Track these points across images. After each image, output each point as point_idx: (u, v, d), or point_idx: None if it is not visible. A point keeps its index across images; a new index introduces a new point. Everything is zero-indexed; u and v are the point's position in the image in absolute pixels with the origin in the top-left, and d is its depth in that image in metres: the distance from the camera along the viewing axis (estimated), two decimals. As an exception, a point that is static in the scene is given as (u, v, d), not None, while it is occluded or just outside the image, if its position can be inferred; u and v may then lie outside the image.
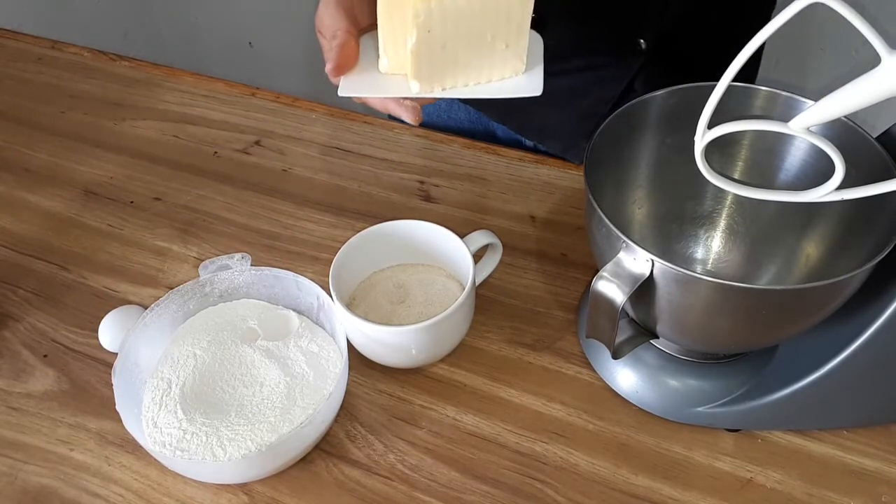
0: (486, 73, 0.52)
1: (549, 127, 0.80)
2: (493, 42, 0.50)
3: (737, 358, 0.58)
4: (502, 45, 0.50)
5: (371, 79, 0.52)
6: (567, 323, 0.64)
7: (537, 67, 0.52)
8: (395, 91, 0.52)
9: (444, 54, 0.49)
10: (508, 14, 0.49)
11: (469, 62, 0.50)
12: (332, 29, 0.52)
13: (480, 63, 0.51)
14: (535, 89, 0.51)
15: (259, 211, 0.76)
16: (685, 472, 0.55)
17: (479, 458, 0.56)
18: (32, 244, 0.74)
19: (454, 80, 0.51)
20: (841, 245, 0.55)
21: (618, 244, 0.47)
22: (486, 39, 0.49)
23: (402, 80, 0.52)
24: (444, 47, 0.49)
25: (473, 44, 0.49)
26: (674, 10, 0.69)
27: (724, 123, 0.42)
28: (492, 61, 0.51)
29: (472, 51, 0.50)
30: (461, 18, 0.47)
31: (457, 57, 0.50)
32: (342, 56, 0.51)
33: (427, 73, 0.50)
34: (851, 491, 0.53)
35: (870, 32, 0.35)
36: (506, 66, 0.52)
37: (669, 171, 0.59)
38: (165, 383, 0.57)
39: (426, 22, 0.47)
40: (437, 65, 0.50)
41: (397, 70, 0.52)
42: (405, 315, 0.62)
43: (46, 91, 0.93)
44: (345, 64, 0.52)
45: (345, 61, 0.52)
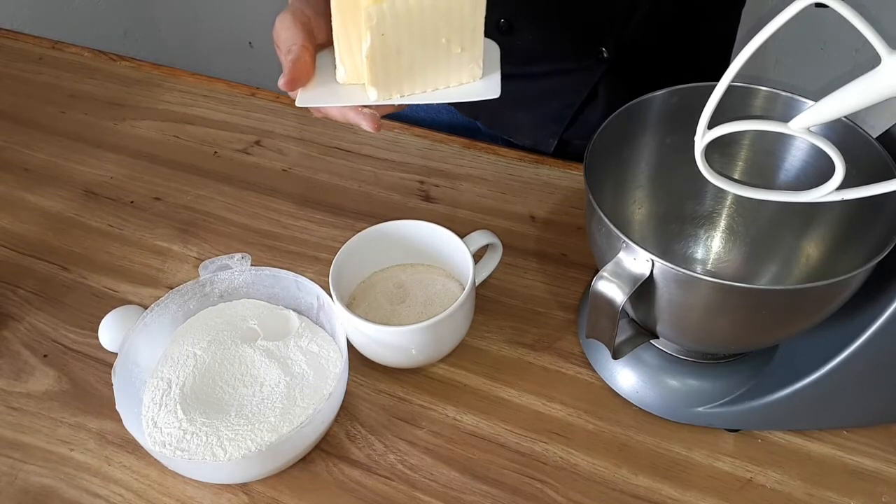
0: (443, 78, 0.52)
1: (518, 126, 0.83)
2: (448, 46, 0.50)
3: (737, 358, 0.58)
4: (458, 48, 0.50)
5: (329, 90, 0.53)
6: (567, 323, 0.64)
7: (495, 72, 0.53)
8: (353, 100, 0.52)
9: (400, 59, 0.49)
10: (461, 17, 0.49)
11: (425, 67, 0.51)
12: (288, 43, 0.53)
13: (437, 68, 0.51)
14: (493, 92, 0.52)
15: (259, 211, 0.76)
16: (685, 472, 0.55)
17: (479, 458, 0.56)
18: (32, 244, 0.74)
19: (412, 87, 0.51)
20: (841, 245, 0.55)
21: (618, 244, 0.47)
22: (440, 43, 0.50)
23: (361, 90, 0.52)
24: (398, 52, 0.49)
25: (429, 48, 0.49)
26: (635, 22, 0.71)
27: (724, 123, 0.42)
28: (448, 66, 0.51)
29: (428, 55, 0.50)
30: (414, 22, 0.48)
31: (413, 62, 0.50)
32: (295, 69, 0.52)
33: (384, 79, 0.50)
34: (851, 491, 0.53)
35: (870, 32, 0.35)
36: (463, 71, 0.52)
37: (669, 171, 0.59)
38: (165, 383, 0.57)
39: (379, 25, 0.47)
40: (393, 70, 0.50)
41: (355, 80, 0.52)
42: (405, 315, 0.62)
43: (46, 91, 0.93)
44: (298, 77, 0.52)
45: (297, 74, 0.52)
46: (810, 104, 0.40)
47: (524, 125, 0.83)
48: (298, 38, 0.52)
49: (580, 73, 0.76)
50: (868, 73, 0.37)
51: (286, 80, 0.52)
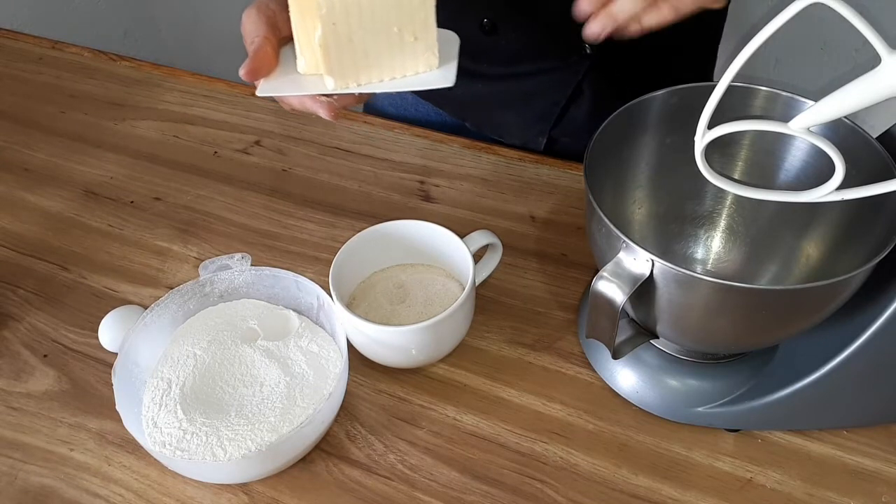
0: (399, 67, 0.53)
1: (506, 125, 0.83)
2: (401, 34, 0.51)
3: (737, 358, 0.58)
4: (411, 37, 0.51)
5: (290, 79, 0.54)
6: (567, 323, 0.64)
7: (451, 61, 0.54)
8: (312, 89, 0.53)
9: (353, 48, 0.51)
10: (411, 7, 0.50)
11: (380, 57, 0.52)
12: (251, 35, 0.54)
13: (392, 57, 0.52)
14: (448, 80, 0.53)
15: (259, 211, 0.76)
16: (685, 472, 0.55)
17: (479, 458, 0.56)
18: (32, 244, 0.74)
19: (368, 76, 0.53)
20: (841, 245, 0.55)
21: (618, 244, 0.47)
22: (393, 32, 0.51)
23: (320, 80, 0.54)
24: (351, 40, 0.50)
25: (381, 37, 0.51)
26: None
27: (724, 123, 0.42)
28: (403, 55, 0.52)
29: (382, 44, 0.51)
30: (364, 11, 0.49)
31: (367, 51, 0.51)
32: (256, 60, 0.53)
33: (339, 68, 0.52)
34: (851, 491, 0.53)
35: (870, 33, 0.35)
36: (419, 61, 0.53)
37: (669, 171, 0.59)
38: (165, 383, 0.57)
39: (329, 14, 0.48)
40: (347, 59, 0.51)
41: (314, 70, 0.54)
42: (405, 315, 0.62)
43: (46, 91, 0.93)
44: (258, 68, 0.53)
45: (258, 65, 0.53)
46: (810, 104, 0.40)
47: (511, 124, 0.83)
48: (261, 31, 0.54)
49: (564, 72, 0.77)
50: (868, 73, 0.37)
51: (247, 70, 0.53)
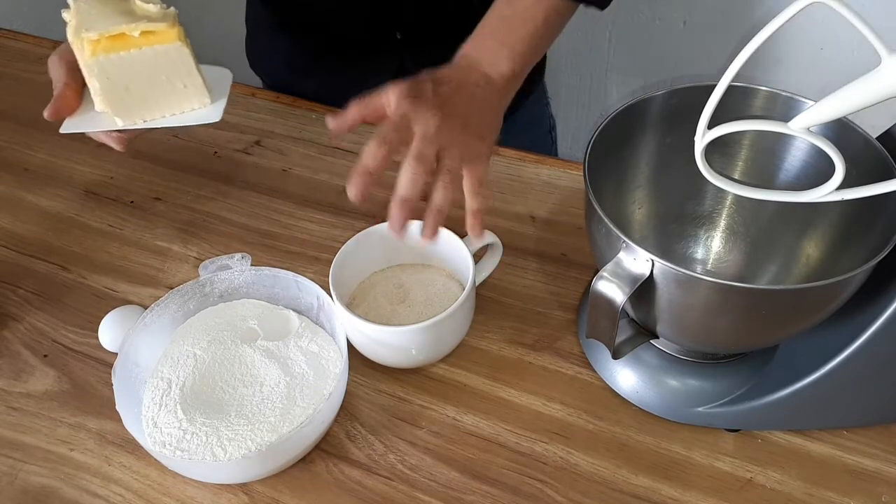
0: (177, 106, 0.64)
1: None
2: (171, 82, 0.62)
3: (737, 358, 0.58)
4: (180, 84, 0.63)
5: (89, 117, 0.64)
6: (567, 323, 0.64)
7: (221, 99, 0.66)
8: (106, 126, 0.64)
9: (132, 94, 0.62)
10: (173, 63, 0.62)
11: (158, 100, 0.63)
12: (55, 80, 0.63)
13: (168, 100, 0.63)
14: (216, 116, 0.65)
15: (259, 211, 0.76)
16: (685, 472, 0.55)
17: (479, 458, 0.56)
18: (32, 244, 0.74)
19: (151, 114, 0.64)
20: (841, 245, 0.55)
21: (618, 244, 0.47)
22: (163, 80, 0.62)
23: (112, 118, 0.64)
24: (127, 88, 0.61)
25: (155, 85, 0.62)
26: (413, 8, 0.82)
27: (724, 123, 0.42)
28: (178, 97, 0.64)
29: (157, 90, 0.62)
30: (133, 66, 0.60)
31: (145, 96, 0.62)
32: (57, 103, 0.62)
33: (123, 110, 0.63)
34: (851, 491, 0.53)
35: (869, 33, 0.35)
36: (193, 100, 0.65)
37: (669, 171, 0.59)
38: (165, 383, 0.57)
39: (102, 72, 0.60)
40: (129, 103, 0.62)
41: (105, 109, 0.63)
42: (405, 315, 0.62)
43: (46, 91, 0.92)
44: (60, 109, 0.63)
45: (58, 107, 0.62)
46: (810, 104, 0.40)
47: None
48: (62, 76, 0.63)
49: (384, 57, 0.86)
50: (868, 73, 0.37)
51: (49, 112, 0.62)
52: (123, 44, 0.59)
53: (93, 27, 0.59)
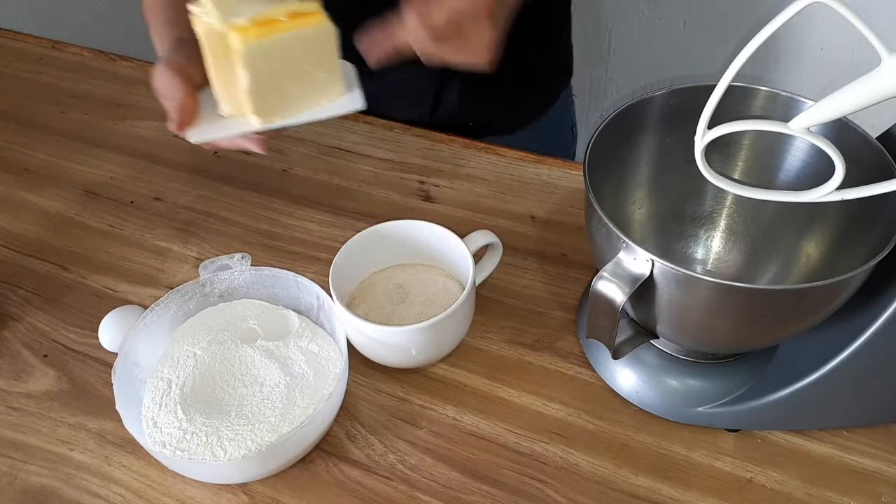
0: (314, 100, 0.59)
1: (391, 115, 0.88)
2: (313, 71, 0.58)
3: (737, 358, 0.58)
4: (321, 74, 0.58)
5: (215, 123, 0.59)
6: (567, 323, 0.64)
7: (355, 87, 0.61)
8: (240, 129, 0.59)
9: (275, 90, 0.57)
10: (319, 50, 0.57)
11: (298, 94, 0.58)
12: (169, 91, 0.58)
13: (308, 93, 0.59)
14: (358, 103, 0.60)
15: (259, 211, 0.76)
16: (685, 472, 0.55)
17: (479, 458, 0.56)
18: (32, 244, 0.74)
19: (288, 111, 0.58)
20: (841, 245, 0.55)
21: (618, 244, 0.47)
22: (306, 71, 0.57)
23: (244, 119, 0.59)
24: (272, 84, 0.56)
25: (298, 75, 0.57)
26: None
27: (724, 123, 0.42)
28: (316, 89, 0.59)
29: (298, 83, 0.57)
30: (282, 54, 0.55)
31: (286, 91, 0.57)
32: (182, 115, 0.58)
33: (263, 108, 0.57)
34: (851, 491, 0.53)
35: (869, 33, 0.35)
36: (329, 92, 0.59)
37: (669, 171, 0.59)
38: (165, 383, 0.57)
39: (251, 62, 0.54)
40: (269, 100, 0.57)
41: (237, 112, 0.59)
42: (405, 315, 0.62)
43: (46, 91, 0.93)
44: (186, 120, 0.58)
45: (185, 118, 0.58)
46: (810, 104, 0.40)
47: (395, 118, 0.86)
48: (177, 85, 0.58)
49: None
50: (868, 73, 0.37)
51: (177, 124, 0.58)
52: (273, 28, 0.54)
53: (238, 13, 0.53)
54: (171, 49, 0.61)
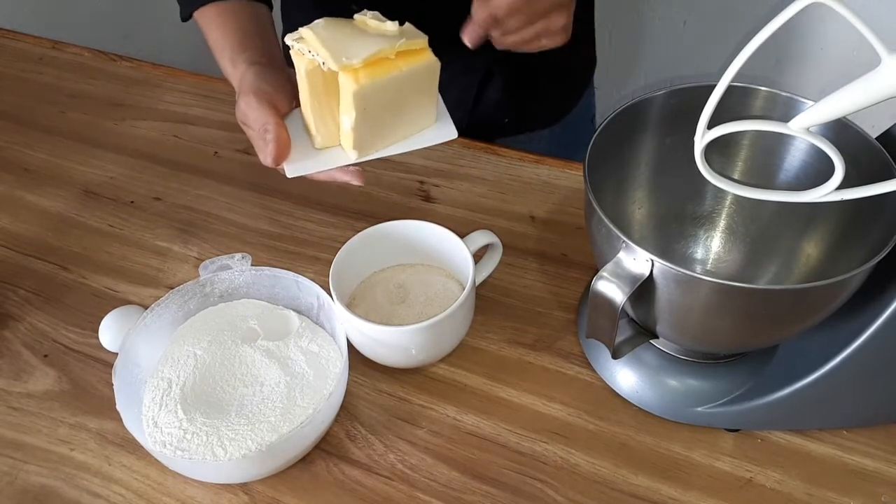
0: (408, 130, 0.59)
1: None
2: (413, 103, 0.58)
3: (737, 358, 0.58)
4: (420, 105, 0.58)
5: (310, 156, 0.59)
6: (567, 323, 0.64)
7: (445, 115, 0.61)
8: (337, 162, 0.58)
9: (376, 124, 0.56)
10: (422, 81, 0.57)
11: (395, 126, 0.58)
12: (260, 122, 0.57)
13: (404, 124, 0.58)
14: (451, 133, 0.60)
15: (259, 211, 0.76)
16: (685, 472, 0.55)
17: (479, 458, 0.56)
18: (32, 244, 0.74)
19: (384, 142, 0.58)
20: (841, 245, 0.55)
21: (618, 244, 0.47)
22: (407, 103, 0.57)
23: (338, 151, 0.59)
24: (375, 118, 0.56)
25: (398, 110, 0.57)
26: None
27: (724, 124, 0.42)
28: (411, 119, 0.59)
29: (397, 115, 0.57)
30: (390, 91, 0.55)
31: (385, 123, 0.57)
32: (280, 147, 0.57)
33: (364, 143, 0.57)
34: (851, 491, 0.53)
35: (869, 33, 0.35)
36: (422, 122, 0.60)
37: (669, 171, 0.59)
38: (166, 383, 0.57)
39: (362, 102, 0.54)
40: (370, 134, 0.57)
41: (329, 144, 0.59)
42: (405, 315, 0.62)
43: (46, 91, 0.93)
44: (283, 154, 0.57)
45: (282, 151, 0.57)
46: (810, 104, 0.40)
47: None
48: (270, 117, 0.56)
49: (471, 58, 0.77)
50: (868, 73, 0.37)
51: (273, 158, 0.57)
52: (383, 68, 0.53)
53: (348, 52, 0.52)
54: (254, 76, 0.59)
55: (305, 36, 0.54)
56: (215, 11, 0.66)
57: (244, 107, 0.58)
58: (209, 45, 0.66)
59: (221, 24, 0.65)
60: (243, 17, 0.66)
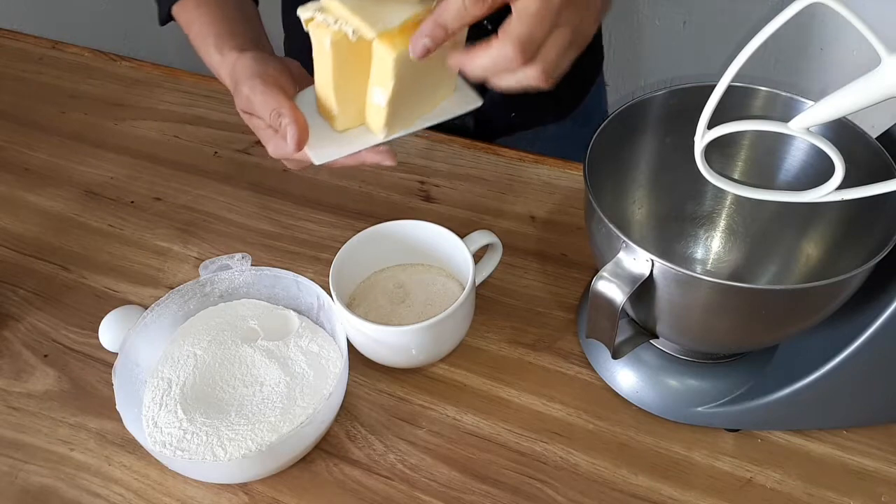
0: (431, 102, 0.55)
1: None
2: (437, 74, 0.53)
3: (737, 358, 0.58)
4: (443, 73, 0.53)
5: (334, 140, 0.53)
6: (567, 323, 0.64)
7: (463, 84, 0.56)
8: (365, 143, 0.53)
9: (406, 97, 0.52)
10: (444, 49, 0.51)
11: (421, 98, 0.54)
12: (271, 107, 0.52)
13: (428, 95, 0.54)
14: (476, 101, 0.55)
15: (259, 211, 0.76)
16: (685, 472, 0.55)
17: (479, 458, 0.56)
18: (32, 244, 0.74)
19: (412, 117, 0.54)
20: (841, 245, 0.55)
21: (618, 244, 0.47)
22: (433, 73, 0.52)
23: (362, 132, 0.54)
24: (406, 90, 0.51)
25: (425, 80, 0.52)
26: None
27: (724, 124, 0.42)
28: (435, 91, 0.54)
29: (423, 87, 0.53)
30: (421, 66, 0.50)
31: (413, 96, 0.53)
32: (301, 130, 0.51)
33: (394, 119, 0.53)
34: (851, 491, 0.53)
35: (869, 33, 0.35)
36: (444, 91, 0.55)
37: (669, 171, 0.59)
38: (166, 383, 0.58)
39: (399, 73, 0.49)
40: (400, 110, 0.52)
41: (352, 125, 0.54)
42: (405, 315, 0.62)
43: (46, 91, 0.93)
44: (304, 137, 0.52)
45: (304, 134, 0.52)
46: (810, 104, 0.40)
47: None
48: (281, 100, 0.52)
49: None
50: (868, 73, 0.37)
51: (296, 142, 0.51)
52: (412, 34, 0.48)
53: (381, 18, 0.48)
54: (251, 60, 0.55)
55: (328, 5, 0.49)
56: (194, 3, 0.63)
57: (248, 92, 0.53)
58: (191, 40, 0.62)
59: (203, 14, 0.62)
60: (226, 6, 0.62)
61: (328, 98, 0.52)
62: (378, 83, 0.50)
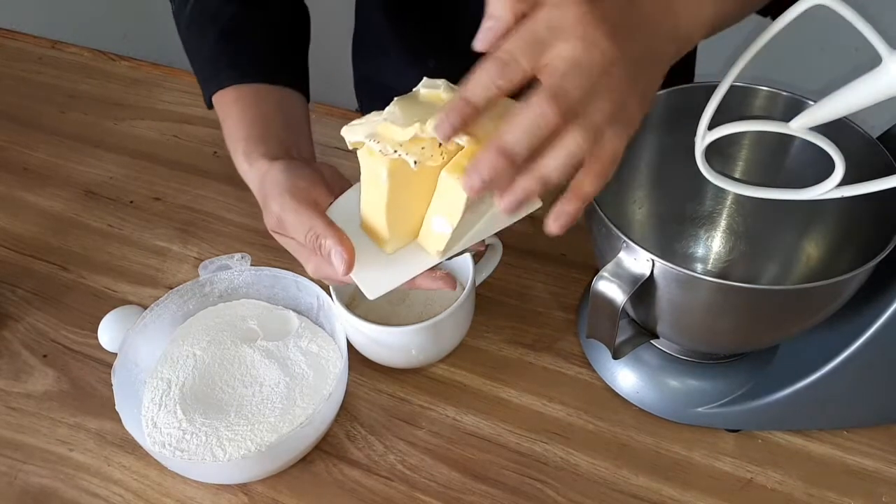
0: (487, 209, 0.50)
1: None
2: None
3: (737, 358, 0.58)
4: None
5: (384, 265, 0.48)
6: (567, 323, 0.64)
7: None
8: (419, 267, 0.49)
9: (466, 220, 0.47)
10: None
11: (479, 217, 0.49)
12: (306, 227, 0.47)
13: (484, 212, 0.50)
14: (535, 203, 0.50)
15: (259, 211, 0.76)
16: (685, 472, 0.55)
17: (479, 458, 0.56)
18: (32, 244, 0.74)
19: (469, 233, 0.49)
20: (841, 245, 0.55)
21: (618, 244, 0.47)
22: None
23: (413, 252, 0.49)
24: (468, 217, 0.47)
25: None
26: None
27: (725, 124, 0.42)
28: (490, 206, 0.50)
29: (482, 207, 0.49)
30: None
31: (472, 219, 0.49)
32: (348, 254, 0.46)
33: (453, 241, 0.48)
34: (851, 491, 0.53)
35: (870, 33, 0.35)
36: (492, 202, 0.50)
37: (669, 171, 0.59)
38: (165, 383, 0.57)
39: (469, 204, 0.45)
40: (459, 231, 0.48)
41: (401, 245, 0.49)
42: (405, 315, 0.62)
43: (46, 91, 0.93)
44: (352, 261, 0.47)
45: (351, 258, 0.46)
46: (810, 104, 0.40)
47: None
48: (318, 219, 0.47)
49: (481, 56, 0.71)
50: (868, 73, 0.37)
51: (346, 267, 0.46)
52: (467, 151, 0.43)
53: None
54: (280, 173, 0.50)
55: (382, 133, 0.43)
56: (234, 96, 0.57)
57: (278, 211, 0.49)
58: (224, 136, 0.57)
59: (237, 112, 0.56)
60: (266, 104, 0.56)
61: (377, 221, 0.48)
62: (442, 213, 0.46)
